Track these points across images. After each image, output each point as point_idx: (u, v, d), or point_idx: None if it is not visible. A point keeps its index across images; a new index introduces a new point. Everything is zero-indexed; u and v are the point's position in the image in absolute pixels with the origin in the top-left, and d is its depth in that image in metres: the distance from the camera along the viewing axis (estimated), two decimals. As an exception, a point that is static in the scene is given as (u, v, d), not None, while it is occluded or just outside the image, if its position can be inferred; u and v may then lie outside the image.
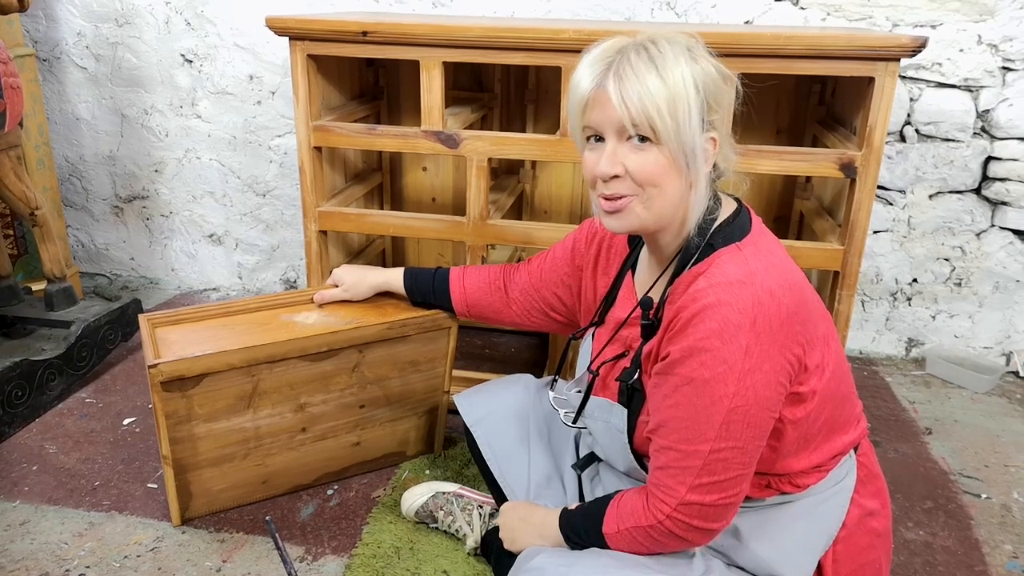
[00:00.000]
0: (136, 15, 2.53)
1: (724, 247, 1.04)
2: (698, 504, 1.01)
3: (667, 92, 0.96)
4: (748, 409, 0.97)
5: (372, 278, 1.63)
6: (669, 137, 0.98)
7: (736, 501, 1.03)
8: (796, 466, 1.10)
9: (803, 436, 1.08)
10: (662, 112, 0.96)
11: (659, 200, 1.02)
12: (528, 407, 1.42)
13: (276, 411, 1.55)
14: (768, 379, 0.98)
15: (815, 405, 1.05)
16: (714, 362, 0.97)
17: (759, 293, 0.97)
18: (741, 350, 0.96)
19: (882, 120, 1.56)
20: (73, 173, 2.79)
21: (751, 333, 0.96)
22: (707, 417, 0.98)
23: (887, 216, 2.32)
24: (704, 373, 0.97)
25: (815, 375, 1.04)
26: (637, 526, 1.06)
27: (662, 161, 1.00)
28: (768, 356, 0.97)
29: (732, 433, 0.98)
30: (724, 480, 1.00)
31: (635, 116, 0.97)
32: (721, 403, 0.97)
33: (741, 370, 0.96)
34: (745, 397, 0.97)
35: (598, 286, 1.30)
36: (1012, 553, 1.57)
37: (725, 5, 2.22)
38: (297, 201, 2.65)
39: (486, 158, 1.74)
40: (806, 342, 1.02)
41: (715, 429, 0.98)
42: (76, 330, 2.08)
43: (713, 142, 1.03)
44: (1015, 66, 2.13)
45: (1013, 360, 2.37)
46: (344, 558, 1.48)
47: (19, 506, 1.61)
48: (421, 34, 1.65)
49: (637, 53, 0.98)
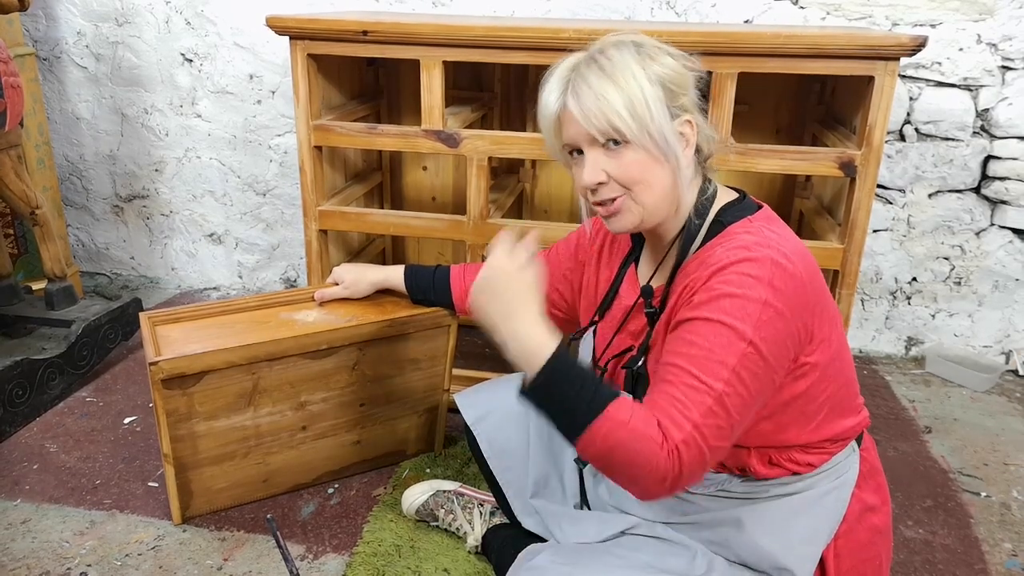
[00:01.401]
0: (136, 14, 2.53)
1: (736, 222, 1.07)
2: (698, 446, 0.93)
3: (623, 96, 1.00)
4: (758, 360, 0.97)
5: (372, 276, 1.63)
6: (635, 136, 1.02)
7: (715, 459, 0.98)
8: (796, 439, 1.10)
9: (804, 412, 1.08)
10: (623, 116, 1.00)
11: (648, 193, 1.06)
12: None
13: (276, 409, 1.55)
14: (779, 336, 0.98)
15: (817, 379, 1.06)
16: (734, 307, 0.97)
17: (776, 256, 0.99)
18: (760, 300, 0.97)
19: (882, 119, 1.56)
20: (73, 172, 2.79)
21: (769, 288, 0.97)
22: (721, 357, 0.96)
23: (887, 215, 2.33)
24: (724, 316, 0.97)
25: (820, 348, 1.05)
26: (644, 435, 0.92)
27: (639, 158, 1.03)
28: (782, 315, 0.98)
29: (743, 380, 0.96)
30: (725, 426, 0.95)
31: (599, 126, 1.01)
32: (736, 346, 0.96)
33: (759, 319, 0.96)
34: (761, 347, 0.97)
35: (600, 280, 1.31)
36: (1011, 551, 1.57)
37: (725, 4, 2.22)
38: (297, 200, 2.65)
39: (486, 157, 1.74)
40: (817, 312, 1.03)
41: (729, 370, 0.95)
42: (76, 329, 2.08)
43: (690, 124, 1.06)
44: (1014, 65, 2.13)
45: (1012, 359, 2.37)
46: (345, 556, 1.49)
47: (20, 505, 1.61)
48: (421, 33, 1.65)
49: (588, 66, 1.03)
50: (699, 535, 1.16)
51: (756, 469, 1.11)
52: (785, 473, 1.12)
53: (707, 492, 1.16)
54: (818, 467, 1.12)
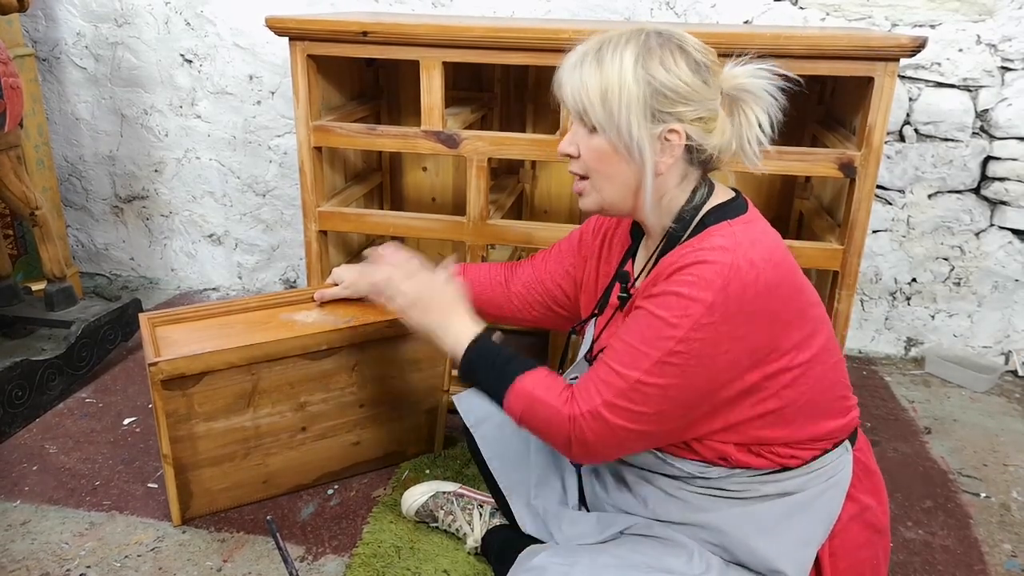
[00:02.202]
0: (136, 15, 2.53)
1: (716, 224, 1.08)
2: (603, 421, 1.03)
3: (601, 83, 1.03)
4: (688, 360, 1.00)
5: (371, 276, 1.63)
6: (602, 125, 1.05)
7: (631, 442, 1.05)
8: (775, 438, 1.10)
9: (780, 416, 1.08)
10: (593, 102, 1.04)
11: (606, 185, 1.10)
12: (528, 407, 1.43)
13: (276, 410, 1.55)
14: (720, 341, 1.00)
15: (789, 383, 1.06)
16: (674, 305, 1.00)
17: (738, 260, 1.00)
18: (705, 304, 0.99)
19: (881, 120, 1.57)
20: (73, 173, 2.79)
21: (720, 293, 0.99)
22: (647, 350, 1.01)
23: (886, 216, 2.33)
24: (662, 312, 1.01)
25: (791, 354, 1.05)
26: (544, 401, 1.08)
27: (603, 147, 1.07)
28: (730, 320, 0.99)
29: (664, 373, 1.01)
30: (637, 412, 1.02)
31: (570, 104, 1.07)
32: (665, 343, 1.00)
33: (696, 322, 0.99)
34: (690, 347, 0.99)
35: (600, 275, 1.33)
36: (1011, 552, 1.57)
37: (724, 5, 2.22)
38: (297, 201, 2.65)
39: (486, 158, 1.74)
40: (784, 320, 1.03)
41: (650, 363, 1.01)
42: (76, 330, 2.08)
43: (675, 132, 1.05)
44: (1014, 66, 2.13)
45: (1012, 359, 2.37)
46: (344, 557, 1.49)
47: (20, 506, 1.61)
48: (421, 34, 1.65)
49: (589, 50, 1.06)
50: (696, 535, 1.16)
51: (737, 457, 1.11)
52: (771, 464, 1.11)
53: (701, 488, 1.15)
54: (807, 460, 1.12)
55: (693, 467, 1.14)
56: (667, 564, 1.10)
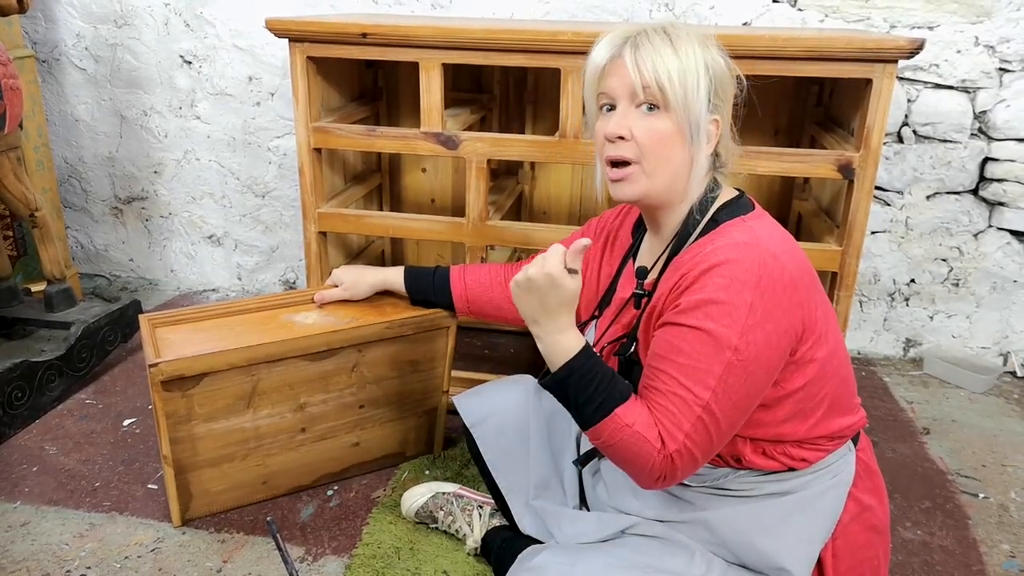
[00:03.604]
0: (135, 16, 2.53)
1: (730, 220, 1.09)
2: (691, 456, 1.01)
3: (679, 63, 1.04)
4: (747, 365, 1.00)
5: (371, 277, 1.64)
6: (678, 103, 1.05)
7: (707, 458, 1.04)
8: (793, 435, 1.10)
9: (802, 409, 1.09)
10: (672, 79, 1.04)
11: (661, 167, 1.08)
12: (528, 408, 1.43)
13: (276, 411, 1.55)
14: (769, 338, 1.00)
15: (816, 375, 1.07)
16: (720, 314, 1.00)
17: (764, 255, 1.01)
18: (746, 305, 0.99)
19: (880, 121, 1.57)
20: (72, 174, 2.79)
21: (756, 290, 0.99)
22: (708, 366, 1.00)
23: (885, 217, 2.33)
24: (709, 324, 1.00)
25: (818, 343, 1.06)
26: (643, 437, 1.01)
27: (668, 128, 1.06)
28: (770, 316, 1.00)
29: (730, 386, 1.00)
30: (714, 431, 1.01)
31: (647, 79, 1.04)
32: (723, 354, 0.99)
33: (745, 325, 0.99)
34: (746, 352, 0.99)
35: (601, 277, 1.33)
36: (1009, 552, 1.57)
37: (723, 6, 2.23)
38: (296, 202, 2.65)
39: (485, 159, 1.74)
40: (809, 310, 1.04)
41: (715, 378, 1.00)
42: (76, 331, 2.08)
43: (716, 124, 1.09)
44: (1012, 67, 2.14)
45: (1010, 360, 2.38)
46: (344, 558, 1.49)
47: (20, 507, 1.61)
48: (420, 36, 1.65)
49: (655, 31, 1.07)
50: (698, 535, 1.16)
51: (750, 458, 1.12)
52: (780, 466, 1.12)
53: (703, 487, 1.16)
54: (813, 463, 1.13)
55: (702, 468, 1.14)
56: (668, 564, 1.10)
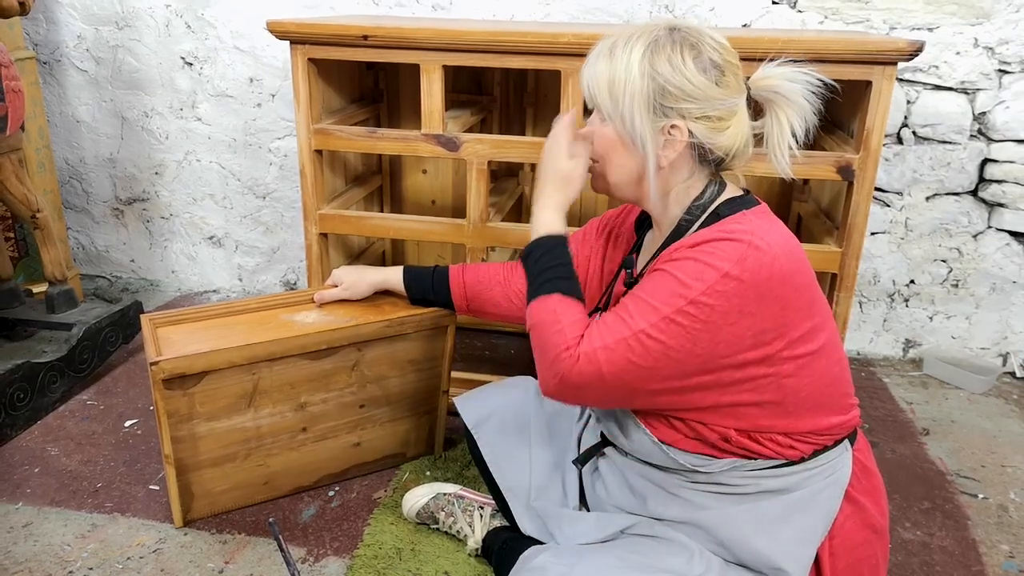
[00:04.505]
0: (136, 18, 2.54)
1: (731, 215, 1.10)
2: (595, 364, 1.03)
3: (609, 74, 1.09)
4: (694, 323, 1.01)
5: (371, 277, 1.64)
6: (609, 113, 1.10)
7: (610, 393, 1.06)
8: (774, 428, 1.10)
9: (782, 406, 1.09)
10: (602, 91, 1.10)
11: (610, 171, 1.15)
12: (529, 409, 1.43)
13: (277, 410, 1.56)
14: (730, 313, 1.01)
15: (793, 373, 1.06)
16: (691, 269, 1.03)
17: (757, 241, 1.03)
18: (721, 272, 1.01)
19: (879, 123, 1.57)
20: (73, 175, 2.79)
21: (737, 266, 1.01)
22: (657, 304, 1.03)
23: (884, 218, 2.34)
24: (678, 272, 1.03)
25: (796, 344, 1.05)
26: (561, 327, 1.08)
27: (609, 135, 1.12)
28: (742, 294, 1.01)
29: (669, 330, 1.02)
30: (630, 362, 1.03)
31: (585, 92, 1.13)
32: (676, 300, 1.02)
33: (710, 287, 1.01)
34: (699, 311, 1.01)
35: (604, 273, 1.35)
36: (1009, 553, 1.58)
37: (723, 8, 2.23)
38: (297, 203, 2.66)
39: (486, 161, 1.74)
40: (794, 307, 1.04)
41: (658, 317, 1.02)
42: (77, 332, 2.08)
43: (676, 129, 1.08)
44: (1011, 68, 2.14)
45: (1010, 361, 2.38)
46: (346, 559, 1.49)
47: (22, 508, 1.61)
48: (421, 38, 1.66)
49: (608, 42, 1.11)
50: (696, 535, 1.16)
51: (738, 440, 1.11)
52: (771, 453, 1.11)
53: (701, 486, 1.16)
54: (807, 455, 1.13)
55: (695, 460, 1.14)
56: (668, 564, 1.10)
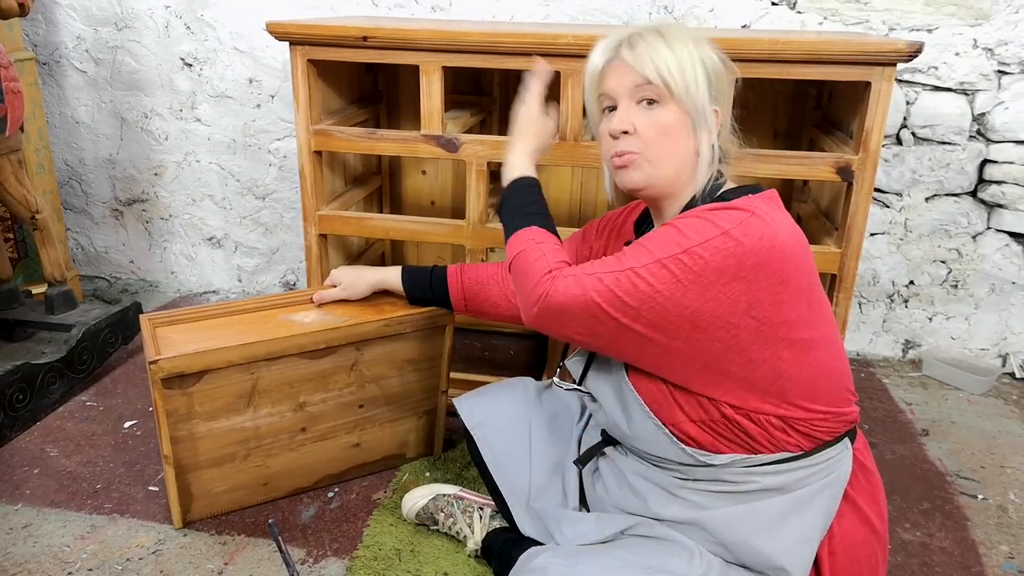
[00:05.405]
0: (136, 19, 2.54)
1: (737, 198, 1.10)
2: (580, 286, 1.05)
3: (676, 58, 1.09)
4: (686, 273, 1.02)
5: (370, 277, 1.64)
6: (680, 92, 1.09)
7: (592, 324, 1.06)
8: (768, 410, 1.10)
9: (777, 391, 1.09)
10: (672, 71, 1.09)
11: (665, 158, 1.12)
12: (528, 410, 1.43)
13: (276, 410, 1.56)
14: (724, 270, 1.01)
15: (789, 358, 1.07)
16: (693, 224, 1.04)
17: (760, 214, 1.04)
18: (721, 231, 1.02)
19: (879, 124, 1.58)
20: (73, 176, 2.79)
21: (739, 228, 1.02)
22: (652, 248, 1.04)
23: (884, 219, 2.34)
24: (680, 224, 1.05)
25: (794, 327, 1.06)
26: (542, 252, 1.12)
27: (672, 118, 1.11)
28: (740, 257, 1.01)
29: (658, 274, 1.02)
30: (616, 296, 1.03)
31: (649, 74, 1.09)
32: (671, 247, 1.03)
33: (708, 242, 1.02)
34: (693, 261, 1.01)
35: None
36: (1008, 554, 1.58)
37: (722, 9, 2.24)
38: (296, 204, 2.66)
39: (485, 162, 1.74)
40: (792, 288, 1.04)
41: (650, 259, 1.03)
42: (76, 333, 2.08)
43: (716, 115, 1.13)
44: (1010, 69, 2.14)
45: (1009, 362, 2.38)
46: (345, 560, 1.49)
47: (21, 509, 1.61)
48: (421, 39, 1.66)
49: (648, 31, 1.12)
50: (697, 535, 1.16)
51: (735, 418, 1.10)
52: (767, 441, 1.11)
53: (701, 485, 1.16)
54: (807, 451, 1.12)
55: (695, 454, 1.14)
56: (668, 565, 1.10)
